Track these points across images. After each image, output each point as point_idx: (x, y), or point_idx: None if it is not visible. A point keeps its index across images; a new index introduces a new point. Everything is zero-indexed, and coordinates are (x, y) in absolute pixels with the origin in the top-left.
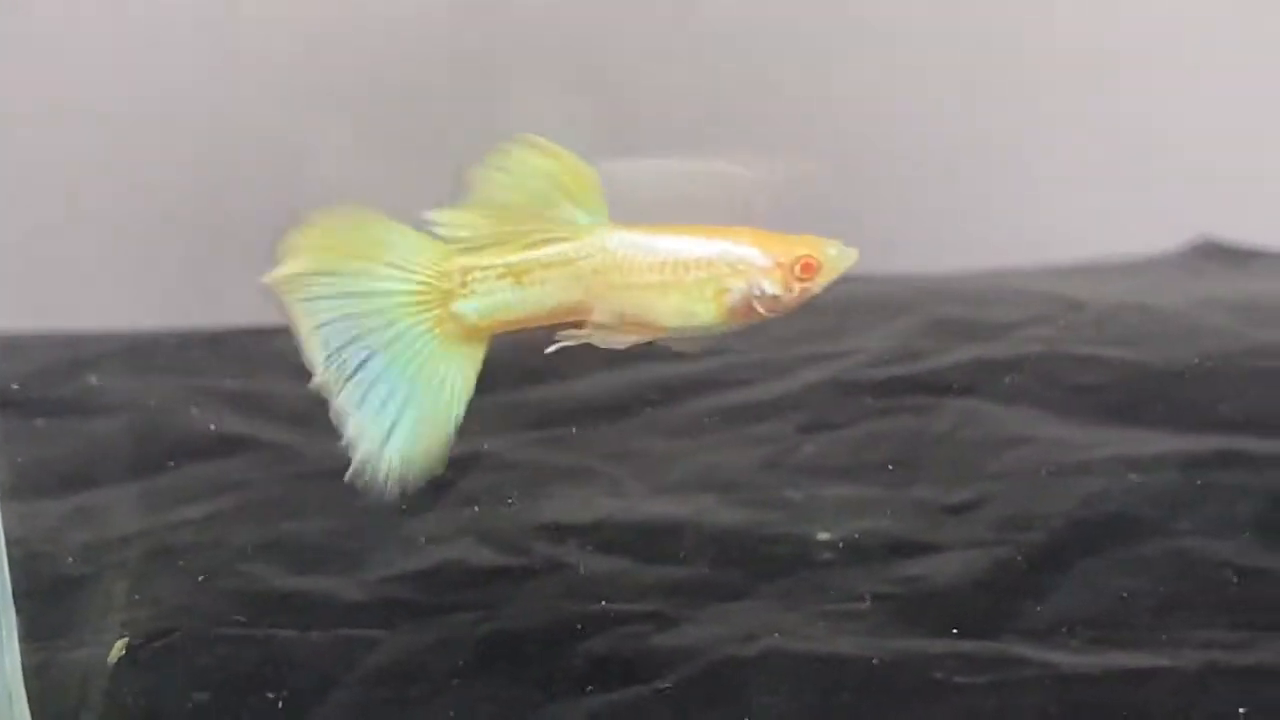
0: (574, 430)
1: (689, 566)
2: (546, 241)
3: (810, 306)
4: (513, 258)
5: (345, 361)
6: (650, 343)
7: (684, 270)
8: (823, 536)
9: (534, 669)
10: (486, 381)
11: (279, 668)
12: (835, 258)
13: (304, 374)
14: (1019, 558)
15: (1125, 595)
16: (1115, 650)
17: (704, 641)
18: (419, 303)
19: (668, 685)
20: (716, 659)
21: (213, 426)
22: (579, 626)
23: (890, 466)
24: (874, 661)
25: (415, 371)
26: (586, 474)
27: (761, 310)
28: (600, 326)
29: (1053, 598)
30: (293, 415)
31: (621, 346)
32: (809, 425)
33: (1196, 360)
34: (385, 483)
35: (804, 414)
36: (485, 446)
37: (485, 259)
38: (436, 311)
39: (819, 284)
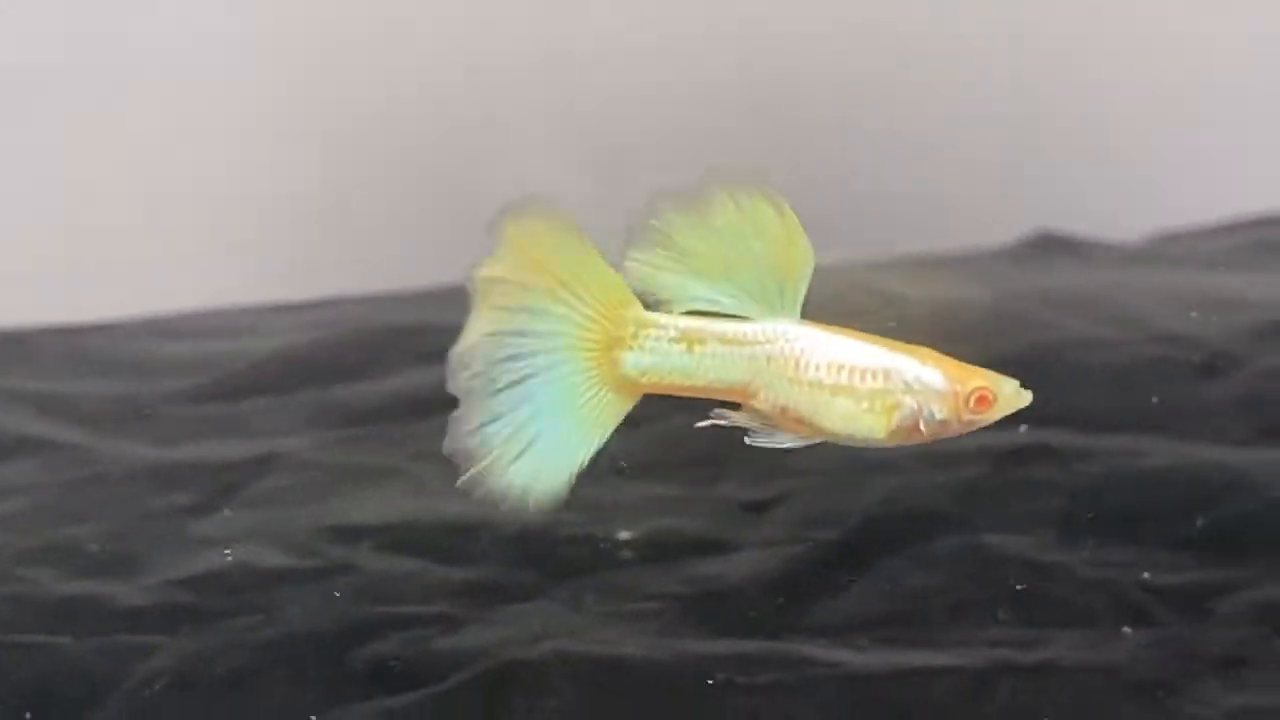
0: (381, 429)
1: (482, 568)
2: (724, 315)
3: None
4: (690, 323)
5: (499, 374)
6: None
7: (860, 377)
8: (623, 536)
9: (313, 673)
10: (294, 379)
11: (52, 676)
12: (1010, 395)
13: (123, 374)
14: (814, 556)
15: (919, 593)
16: (904, 649)
17: (488, 644)
18: (589, 339)
19: (447, 689)
20: (498, 662)
21: (9, 428)
22: (363, 630)
23: (694, 464)
24: (656, 663)
25: (564, 405)
26: (389, 474)
27: (925, 433)
28: (758, 414)
29: (845, 597)
30: (88, 417)
31: (781, 445)
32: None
33: (1015, 354)
34: (499, 499)
35: None
36: (285, 446)
37: (663, 317)
38: (600, 353)
39: (989, 418)
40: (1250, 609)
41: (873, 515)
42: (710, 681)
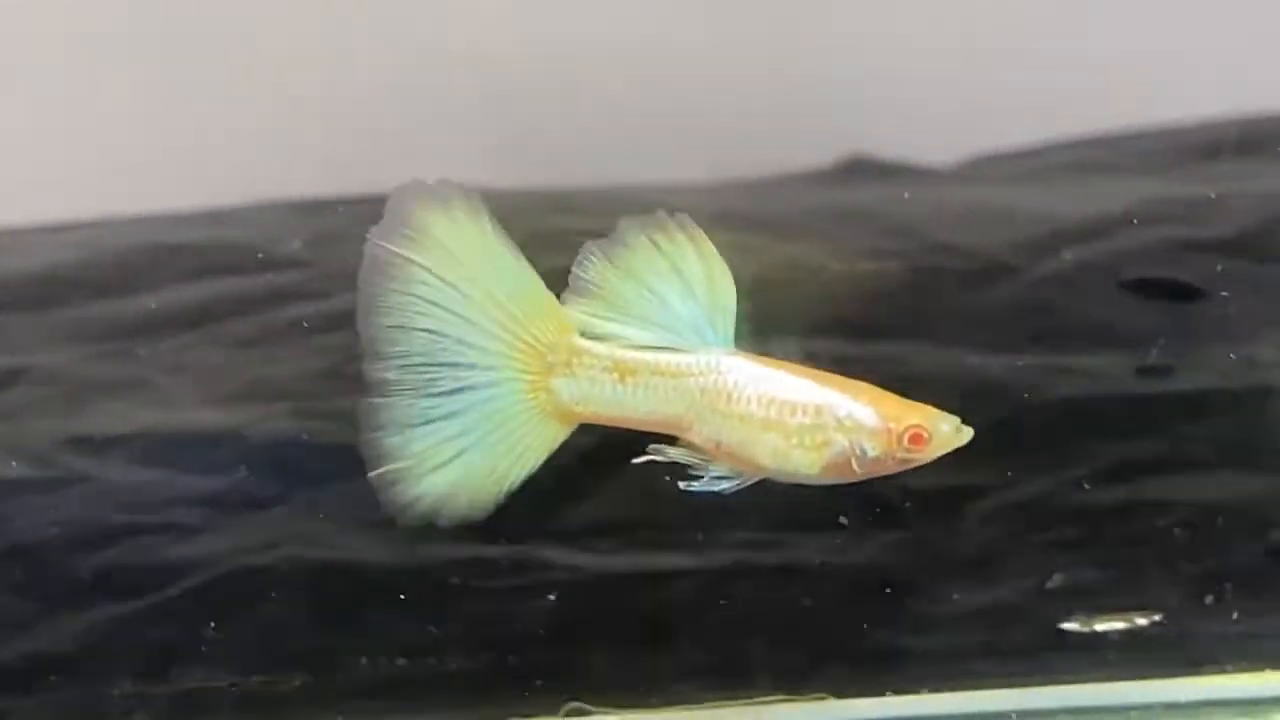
0: (136, 345)
1: (226, 477)
2: (662, 349)
3: None
4: (624, 354)
5: (429, 379)
6: None
7: (789, 412)
8: None
9: (42, 582)
10: (53, 298)
11: None
12: (947, 434)
13: None
14: (564, 462)
15: (667, 497)
16: (647, 552)
17: (220, 551)
18: (524, 363)
19: (172, 595)
20: (228, 568)
21: None
22: (93, 539)
23: None
24: (393, 569)
25: (496, 424)
26: (139, 387)
27: (858, 470)
28: (694, 449)
29: (592, 501)
30: None
31: (716, 488)
32: None
33: (786, 266)
34: (411, 508)
35: None
36: (36, 361)
37: (599, 346)
38: (536, 378)
39: (924, 456)
40: (999, 511)
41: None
42: (447, 586)
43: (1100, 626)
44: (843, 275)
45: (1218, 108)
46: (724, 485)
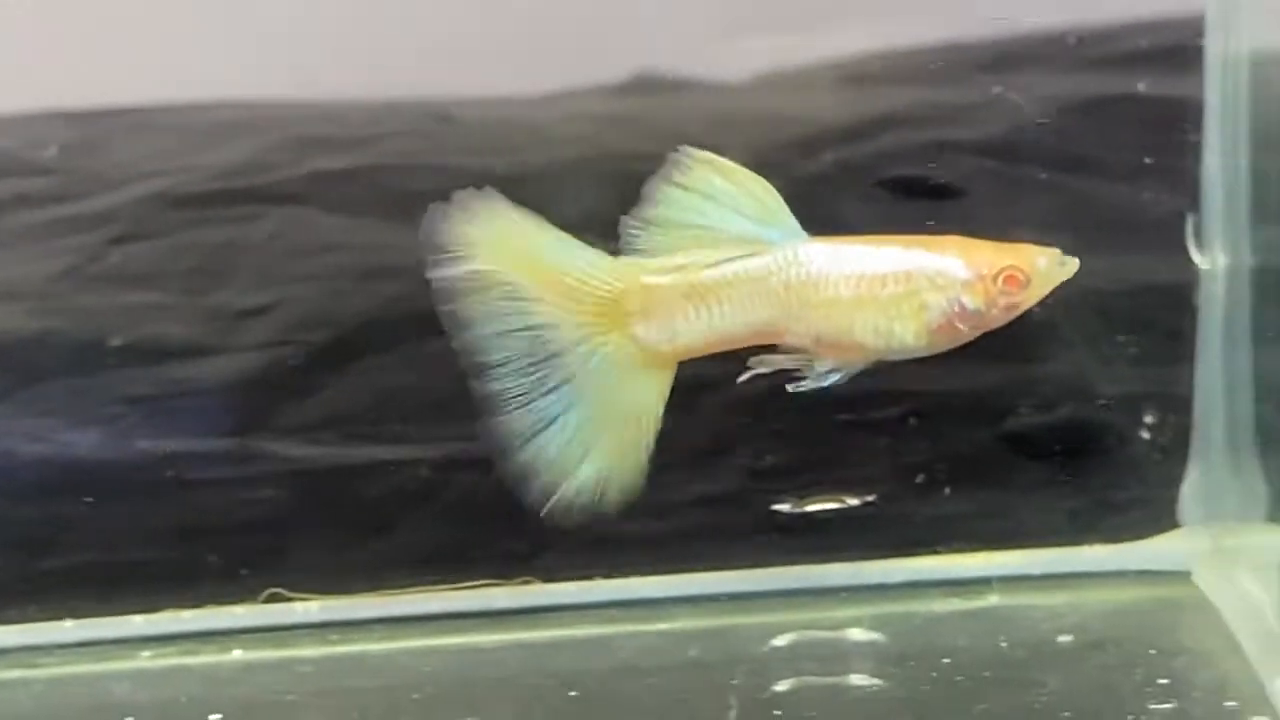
0: None
1: None
2: (733, 259)
3: (168, 126)
4: (696, 276)
5: (528, 381)
6: None
7: (879, 286)
8: (114, 343)
9: None
10: None
11: None
12: (1046, 269)
13: None
14: (299, 358)
15: (396, 392)
16: (369, 444)
17: None
18: (606, 323)
19: None
20: None
21: None
22: None
23: (193, 273)
24: (108, 462)
25: (609, 398)
26: None
27: (964, 329)
28: (795, 350)
29: (322, 396)
30: None
31: (825, 383)
32: (121, 236)
33: (546, 166)
34: (577, 510)
35: (120, 226)
36: None
37: (668, 278)
38: (616, 335)
39: (1028, 299)
40: (734, 402)
41: (370, 318)
42: (163, 478)
43: (811, 508)
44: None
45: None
46: (832, 379)
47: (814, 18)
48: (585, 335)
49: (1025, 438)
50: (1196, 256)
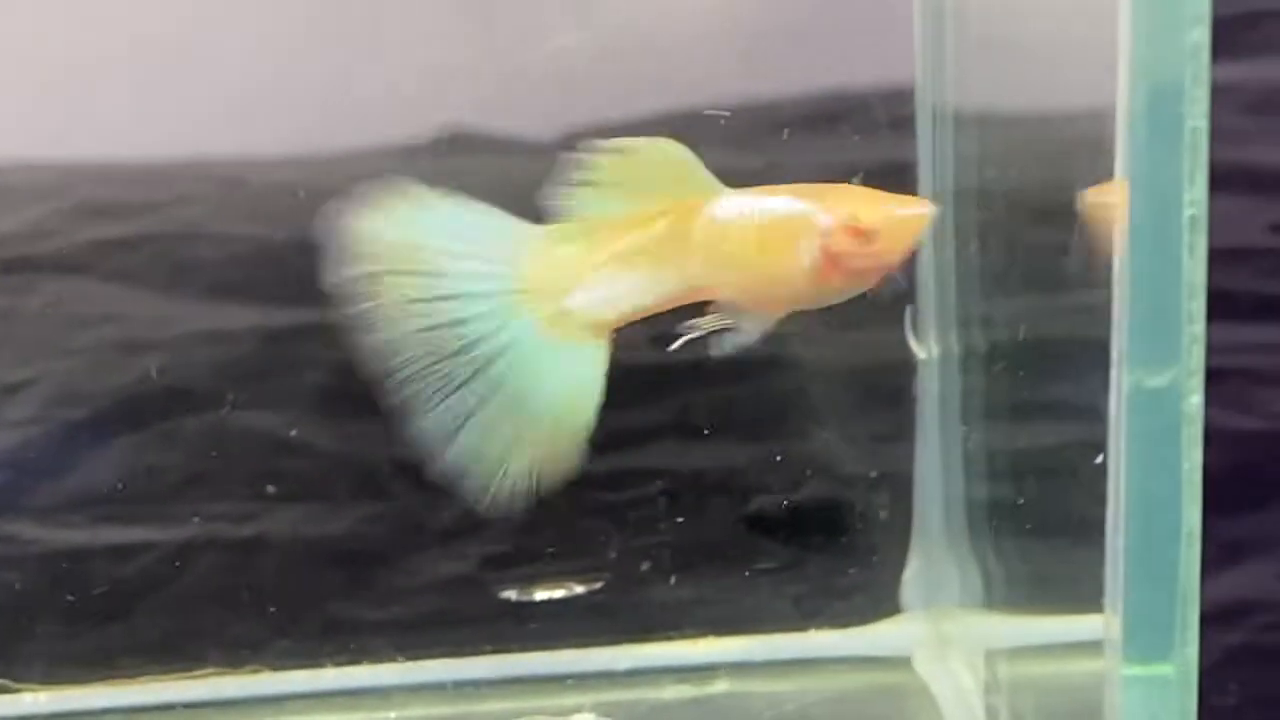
0: None
1: None
2: (654, 218)
3: None
4: (621, 243)
5: (446, 373)
6: None
7: (771, 231)
8: None
9: None
10: None
11: None
12: (900, 218)
13: None
14: (54, 435)
15: (152, 470)
16: (118, 525)
17: None
18: (525, 301)
19: None
20: None
21: None
22: None
23: None
24: None
25: (538, 378)
26: None
27: (839, 276)
28: (722, 310)
29: (73, 476)
30: None
31: (744, 341)
32: None
33: (312, 236)
34: (509, 501)
35: None
36: None
37: (593, 246)
38: (547, 309)
39: (890, 248)
40: None
41: (125, 395)
42: None
43: (539, 595)
44: None
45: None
46: (748, 337)
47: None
48: (508, 315)
49: (762, 520)
50: (914, 346)
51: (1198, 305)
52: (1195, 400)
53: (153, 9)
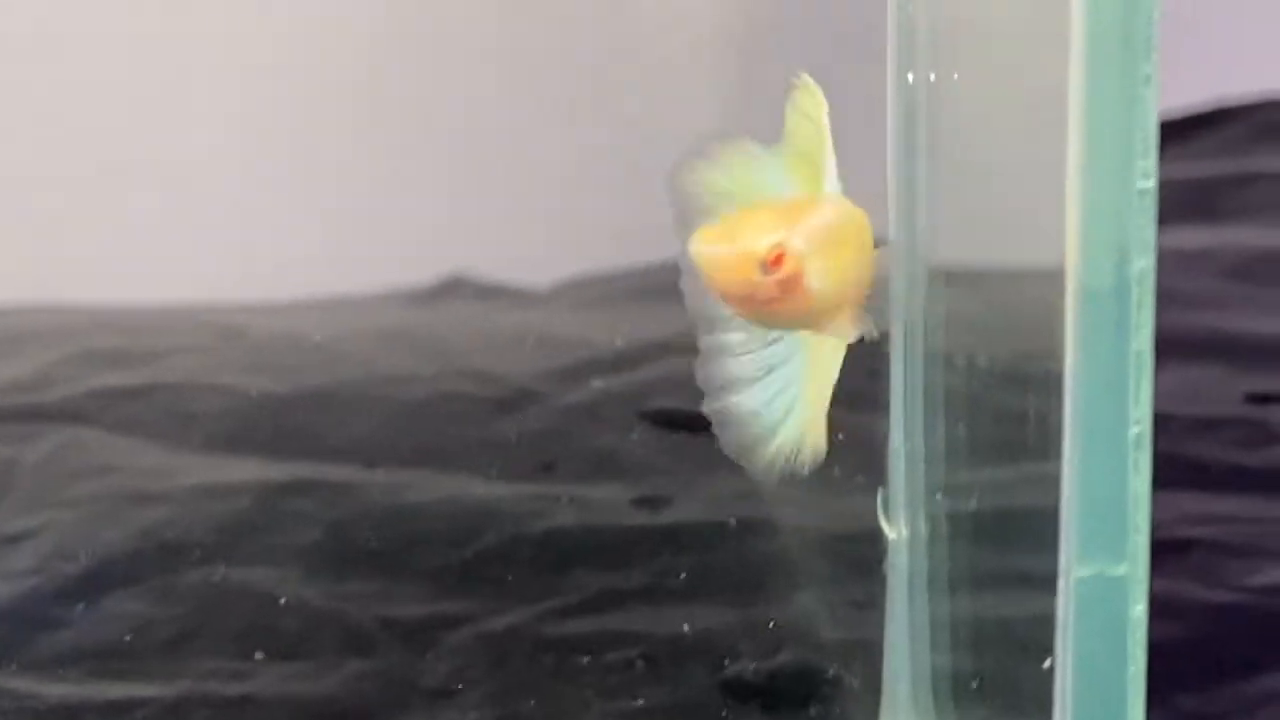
0: None
1: None
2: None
3: None
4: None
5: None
6: None
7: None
8: None
9: None
10: None
11: None
12: (800, 246)
13: None
14: (50, 589)
15: (145, 626)
16: (110, 681)
17: None
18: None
19: None
20: None
21: None
22: None
23: None
24: None
25: (810, 356)
26: None
27: (758, 297)
28: None
29: (70, 630)
30: None
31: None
32: None
33: (321, 389)
34: (778, 470)
35: None
36: None
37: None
38: None
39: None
40: (472, 640)
41: (123, 548)
42: None
43: None
44: (369, 400)
45: None
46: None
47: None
48: None
49: (740, 686)
50: (886, 528)
51: (1143, 516)
52: (1140, 608)
53: (152, 153)
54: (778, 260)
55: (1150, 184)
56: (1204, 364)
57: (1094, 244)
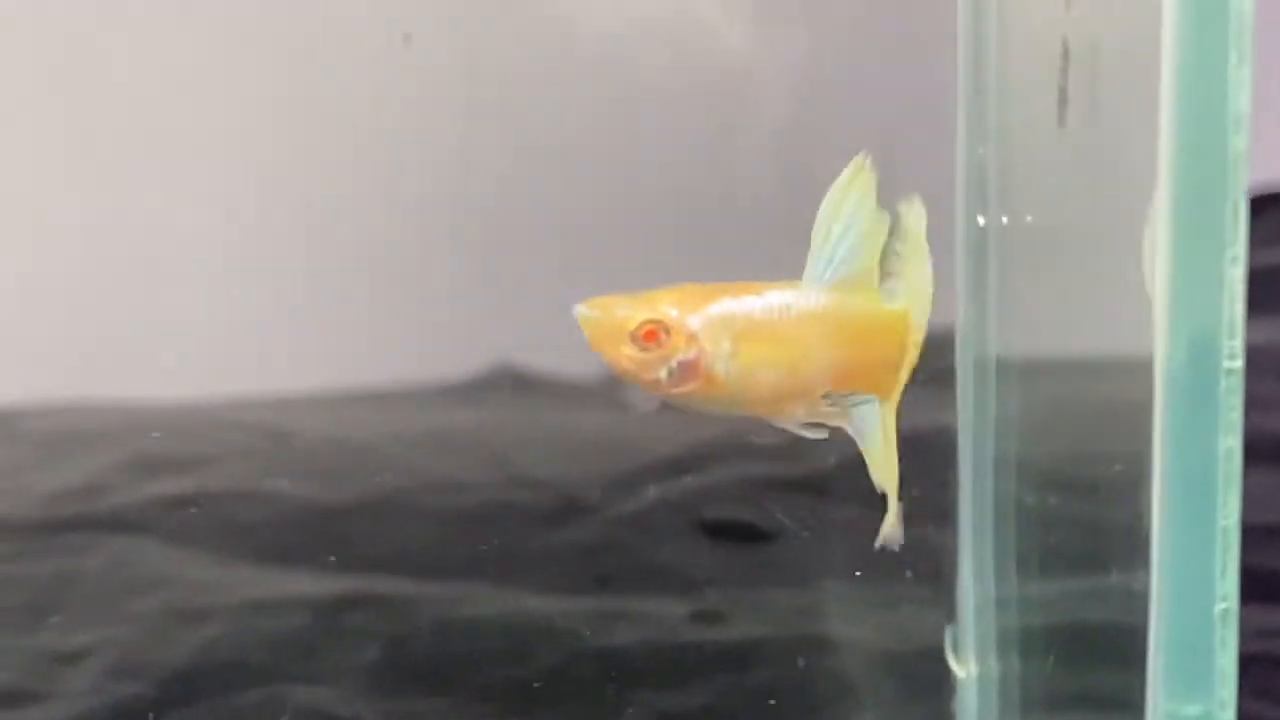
0: None
1: None
2: None
3: (21, 435)
4: None
5: None
6: None
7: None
8: None
9: None
10: None
11: None
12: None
13: None
14: (112, 710)
15: None
16: None
17: None
18: None
19: None
20: None
21: None
22: None
23: (20, 610)
24: None
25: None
26: None
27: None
28: None
29: None
30: None
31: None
32: None
33: (365, 498)
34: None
35: None
36: None
37: None
38: None
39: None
40: None
41: (182, 668)
42: None
43: None
44: (421, 509)
45: None
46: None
47: None
48: None
49: None
50: (954, 666)
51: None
52: None
53: (188, 250)
54: (649, 335)
55: (1239, 272)
56: (1261, 468)
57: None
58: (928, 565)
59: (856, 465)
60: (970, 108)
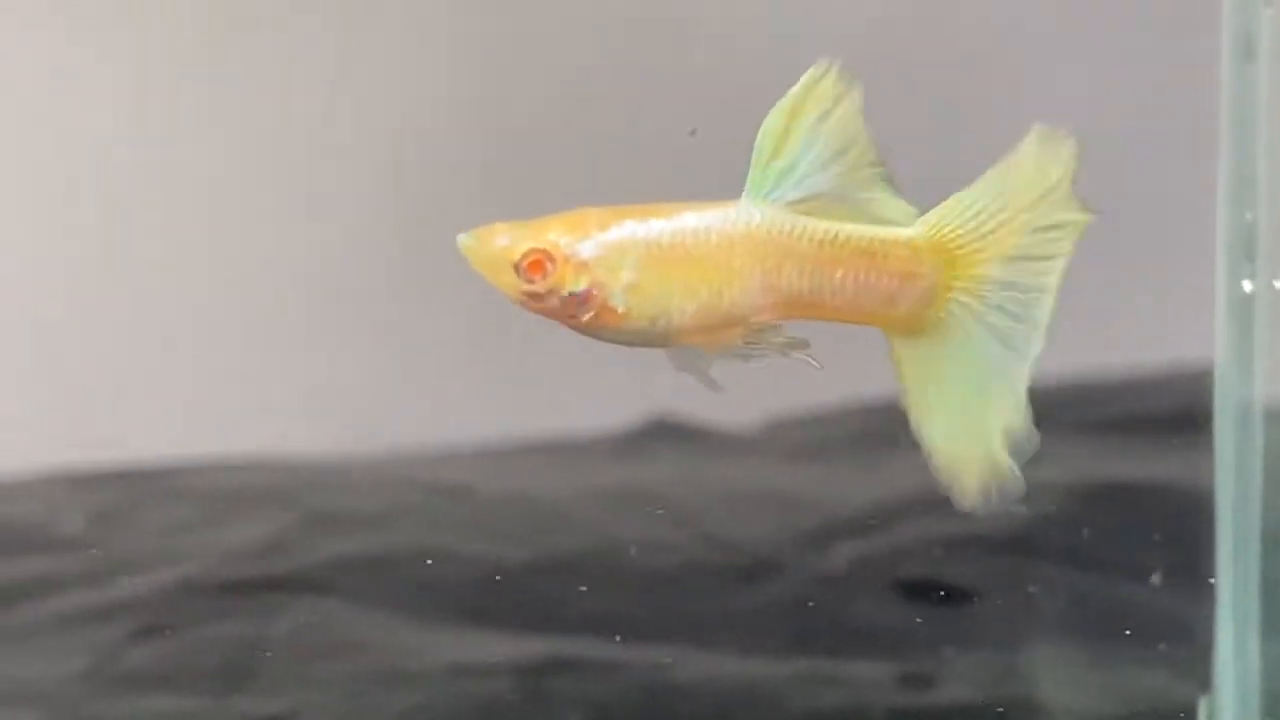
0: None
1: None
2: None
3: (189, 492)
4: None
5: None
6: None
7: None
8: None
9: None
10: None
11: None
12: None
13: None
14: None
15: None
16: None
17: None
18: None
19: None
20: None
21: None
22: None
23: (215, 675)
24: None
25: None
26: None
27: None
28: None
29: None
30: None
31: None
32: (142, 630)
33: (562, 556)
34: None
35: (142, 617)
36: None
37: None
38: None
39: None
40: None
41: None
42: None
43: None
44: (619, 570)
45: None
46: None
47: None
48: None
49: None
50: None
51: None
52: None
53: (340, 303)
54: (534, 266)
55: None
56: None
57: None
58: (1153, 623)
59: (1052, 522)
60: (1237, 170)
